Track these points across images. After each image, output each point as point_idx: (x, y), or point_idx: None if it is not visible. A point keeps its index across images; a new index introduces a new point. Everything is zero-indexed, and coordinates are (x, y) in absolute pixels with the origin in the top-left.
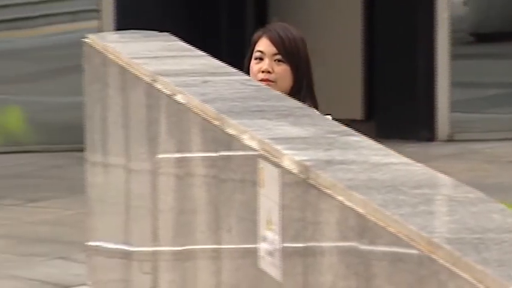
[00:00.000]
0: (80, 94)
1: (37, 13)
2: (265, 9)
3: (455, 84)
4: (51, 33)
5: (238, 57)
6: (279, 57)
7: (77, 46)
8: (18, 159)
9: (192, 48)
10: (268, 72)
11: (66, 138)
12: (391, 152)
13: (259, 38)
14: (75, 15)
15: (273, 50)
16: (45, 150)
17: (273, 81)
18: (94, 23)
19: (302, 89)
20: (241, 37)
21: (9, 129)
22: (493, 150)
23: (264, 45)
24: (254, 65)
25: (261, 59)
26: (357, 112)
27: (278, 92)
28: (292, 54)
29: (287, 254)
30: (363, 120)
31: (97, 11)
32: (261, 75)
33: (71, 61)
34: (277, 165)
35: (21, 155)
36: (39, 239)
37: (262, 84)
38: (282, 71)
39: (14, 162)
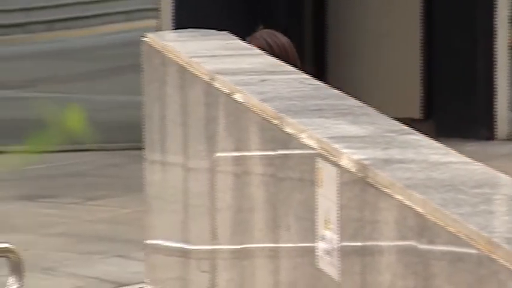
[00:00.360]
0: (135, 93)
1: (91, 13)
2: (323, 6)
3: None
4: (106, 32)
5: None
6: None
7: (132, 45)
8: (75, 157)
9: (251, 46)
10: None
11: (122, 137)
12: (450, 151)
13: None
14: (129, 14)
15: None
16: (102, 148)
17: None
18: (150, 22)
19: None
20: (299, 34)
21: (70, 128)
22: None
23: None
24: None
25: None
26: (416, 111)
27: (336, 91)
28: (282, 59)
29: (345, 253)
30: (422, 119)
31: (155, 10)
32: None
33: (126, 60)
34: (336, 164)
35: (79, 154)
36: (97, 237)
37: None
38: None
39: (71, 161)
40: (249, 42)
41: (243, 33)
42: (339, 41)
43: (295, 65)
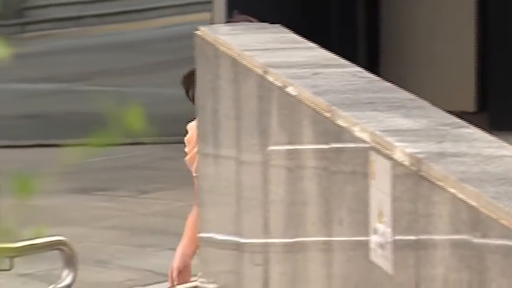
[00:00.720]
0: None
1: (146, 6)
2: (376, 5)
3: None
4: (160, 26)
5: (347, 53)
6: None
7: (186, 38)
8: (131, 151)
9: (303, 40)
10: None
11: (177, 130)
12: (505, 144)
13: None
14: (183, 7)
15: None
16: (157, 142)
17: None
18: (204, 15)
19: None
20: (351, 34)
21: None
22: None
23: None
24: None
25: None
26: (470, 104)
27: (390, 84)
28: None
29: (398, 247)
30: (476, 112)
31: (208, 3)
32: None
33: (182, 53)
34: (389, 157)
35: (134, 147)
36: (151, 230)
37: None
38: None
39: (127, 154)
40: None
41: (294, 27)
42: (393, 34)
43: None
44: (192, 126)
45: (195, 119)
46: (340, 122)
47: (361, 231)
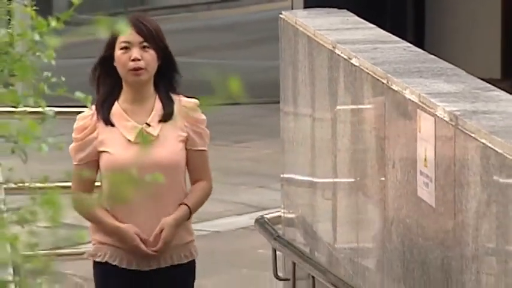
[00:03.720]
0: (274, 59)
1: None
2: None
3: None
4: (253, 11)
5: (399, 34)
6: (145, 44)
7: (271, 21)
8: (228, 109)
9: (365, 21)
10: (138, 60)
11: (265, 93)
12: None
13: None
14: None
15: (140, 38)
16: (249, 102)
17: (143, 68)
18: (286, 3)
19: (167, 69)
20: (402, 19)
21: (227, 87)
22: None
23: (129, 35)
24: (121, 55)
25: (127, 48)
26: (497, 71)
27: (433, 56)
28: (159, 37)
29: (440, 185)
30: (501, 79)
31: None
32: (132, 64)
33: (267, 33)
34: (432, 114)
35: (231, 107)
36: (242, 172)
37: (134, 73)
38: (150, 56)
39: (224, 112)
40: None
41: (358, 11)
42: (436, 20)
43: (165, 44)
44: (82, 117)
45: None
46: (394, 87)
47: (410, 173)
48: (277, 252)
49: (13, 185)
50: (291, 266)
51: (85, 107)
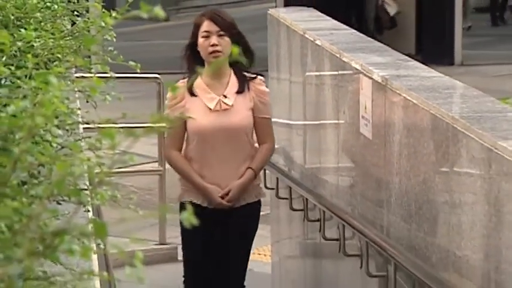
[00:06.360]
0: (264, 41)
1: None
2: None
3: None
4: (250, 9)
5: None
6: (221, 32)
7: (262, 16)
8: None
9: (324, 15)
10: (216, 45)
11: (259, 63)
12: (432, 70)
13: (202, 21)
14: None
15: (217, 28)
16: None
17: (220, 51)
18: (272, 4)
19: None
20: (357, 14)
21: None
22: None
23: (208, 26)
24: (203, 42)
25: (207, 37)
26: (412, 48)
27: (370, 39)
28: (230, 28)
29: (375, 125)
30: (415, 54)
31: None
32: (211, 49)
33: (260, 24)
34: (370, 77)
35: None
36: None
37: (213, 55)
38: (225, 42)
39: None
40: (204, 19)
41: (321, 9)
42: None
43: (238, 31)
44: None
45: None
46: (344, 59)
47: (354, 117)
48: (266, 171)
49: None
50: (275, 180)
51: (136, 72)
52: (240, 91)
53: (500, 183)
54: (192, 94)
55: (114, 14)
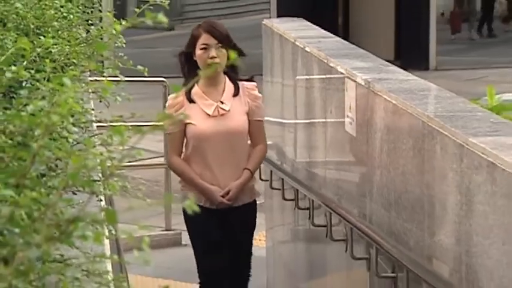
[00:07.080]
0: (260, 48)
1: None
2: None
3: None
4: (247, 20)
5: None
6: (219, 45)
7: (257, 26)
8: None
9: (313, 25)
10: (215, 57)
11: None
12: (410, 74)
13: (200, 34)
14: (256, 10)
15: (215, 41)
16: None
17: (218, 63)
18: (267, 15)
19: (234, 64)
20: (336, 24)
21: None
22: None
23: (206, 39)
24: (202, 54)
25: (206, 49)
26: (391, 55)
27: (354, 45)
28: (227, 40)
29: (358, 123)
30: (394, 60)
31: (268, 9)
32: (210, 61)
33: (256, 33)
34: (354, 81)
35: None
36: None
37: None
38: (223, 54)
39: None
40: (201, 31)
41: (309, 18)
42: (357, 23)
43: (233, 43)
44: (173, 97)
45: None
46: (331, 64)
47: (340, 116)
48: (261, 165)
49: (100, 123)
50: (269, 172)
51: (144, 76)
52: (235, 94)
53: (471, 175)
54: (191, 101)
55: (123, 22)
